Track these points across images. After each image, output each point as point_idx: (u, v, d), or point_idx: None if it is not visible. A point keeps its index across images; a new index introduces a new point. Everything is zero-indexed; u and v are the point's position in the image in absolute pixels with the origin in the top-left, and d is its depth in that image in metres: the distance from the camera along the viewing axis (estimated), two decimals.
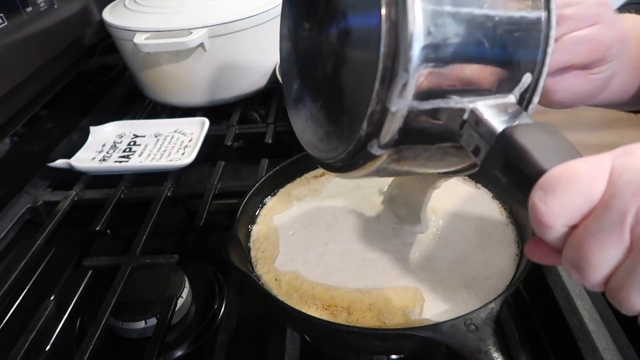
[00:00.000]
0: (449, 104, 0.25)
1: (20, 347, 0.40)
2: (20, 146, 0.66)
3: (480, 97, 0.26)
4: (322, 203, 0.49)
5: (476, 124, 0.25)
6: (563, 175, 0.21)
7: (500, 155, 0.24)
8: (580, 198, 0.20)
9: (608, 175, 0.20)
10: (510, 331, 0.39)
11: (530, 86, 0.27)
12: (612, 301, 0.22)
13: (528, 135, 0.23)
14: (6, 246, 0.54)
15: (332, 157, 0.31)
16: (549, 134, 0.24)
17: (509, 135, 0.24)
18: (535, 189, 0.21)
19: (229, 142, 0.67)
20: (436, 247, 0.42)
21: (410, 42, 0.23)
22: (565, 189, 0.20)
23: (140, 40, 0.64)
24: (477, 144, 0.25)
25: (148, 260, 0.47)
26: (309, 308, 0.38)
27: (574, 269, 0.22)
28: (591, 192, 0.20)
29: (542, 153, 0.22)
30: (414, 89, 0.24)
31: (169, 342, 0.43)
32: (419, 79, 0.24)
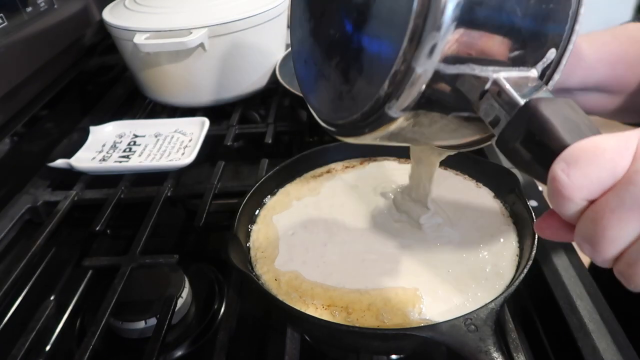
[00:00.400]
0: (474, 71, 0.25)
1: (20, 347, 0.40)
2: (20, 146, 0.66)
3: (504, 68, 0.25)
4: (320, 203, 0.49)
5: (498, 95, 0.25)
6: (588, 148, 0.21)
7: (522, 127, 0.24)
8: (604, 172, 0.20)
9: (633, 152, 0.20)
10: (510, 331, 0.39)
11: (553, 62, 0.27)
12: (621, 277, 0.22)
13: (553, 109, 0.23)
14: (6, 246, 0.54)
15: (343, 118, 0.30)
16: (573, 110, 0.24)
17: (534, 107, 0.23)
18: (558, 161, 0.21)
19: (229, 142, 0.67)
20: (436, 248, 0.42)
21: (445, 2, 0.23)
22: (590, 162, 0.20)
23: (140, 40, 0.64)
24: (497, 115, 0.25)
25: (148, 260, 0.47)
26: (308, 308, 0.38)
27: (587, 242, 0.21)
28: (615, 167, 0.20)
29: (566, 127, 0.22)
30: (442, 51, 0.24)
31: (169, 342, 0.43)
32: (449, 41, 0.23)
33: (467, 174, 0.51)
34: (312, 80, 0.35)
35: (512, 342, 0.38)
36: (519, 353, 0.37)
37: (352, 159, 0.55)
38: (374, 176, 0.52)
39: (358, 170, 0.53)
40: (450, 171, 0.52)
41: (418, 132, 0.29)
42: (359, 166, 0.54)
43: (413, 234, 0.44)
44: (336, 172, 0.53)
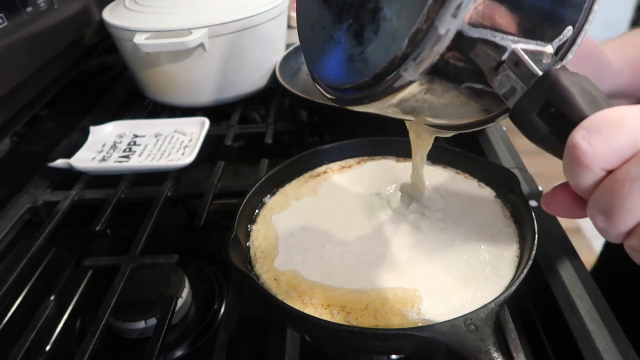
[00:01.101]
0: (495, 38, 0.25)
1: (20, 347, 0.40)
2: (20, 146, 0.66)
3: (522, 40, 0.25)
4: (318, 203, 0.49)
5: (515, 65, 0.24)
6: (610, 117, 0.20)
7: (540, 97, 0.24)
8: (625, 141, 0.20)
9: None
10: (510, 331, 0.39)
11: (568, 41, 0.27)
12: (633, 251, 0.22)
13: (572, 80, 0.23)
14: (6, 246, 0.54)
15: (353, 81, 0.29)
16: (591, 85, 0.23)
17: (554, 76, 0.23)
18: (578, 129, 0.21)
19: (229, 142, 0.67)
20: (436, 249, 0.42)
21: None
22: (612, 130, 0.20)
23: (140, 40, 0.64)
24: (512, 86, 0.25)
25: (148, 260, 0.47)
26: (307, 307, 0.38)
27: (603, 214, 0.21)
28: (637, 136, 0.20)
29: (585, 98, 0.22)
30: (468, 11, 0.23)
31: (169, 342, 0.44)
32: (475, 2, 0.23)
33: (467, 173, 0.51)
34: (318, 46, 0.33)
35: (512, 342, 0.38)
36: (519, 353, 0.37)
37: (350, 159, 0.55)
38: (370, 175, 0.52)
39: (355, 170, 0.53)
40: (450, 170, 0.52)
41: (427, 101, 0.28)
42: (355, 166, 0.54)
43: (412, 234, 0.44)
44: (334, 172, 0.53)
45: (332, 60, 0.32)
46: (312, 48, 0.34)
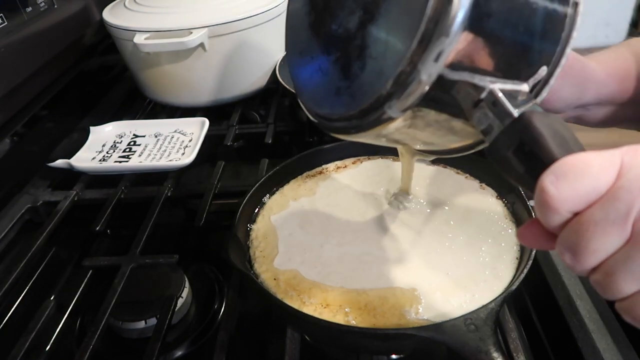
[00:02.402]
0: (473, 79, 0.26)
1: (20, 347, 0.40)
2: (20, 146, 0.66)
3: (500, 80, 0.26)
4: (316, 203, 0.49)
5: (493, 104, 0.26)
6: (576, 163, 0.22)
7: (515, 137, 0.25)
8: (590, 187, 0.22)
9: (618, 168, 0.21)
10: (510, 331, 0.39)
11: (543, 80, 0.28)
12: (598, 286, 0.23)
13: (545, 122, 0.24)
14: (6, 246, 0.54)
15: (339, 114, 0.30)
16: (562, 126, 0.25)
17: (527, 119, 0.24)
18: (547, 173, 0.22)
19: (229, 142, 0.67)
20: (436, 250, 0.42)
21: (458, 9, 0.23)
22: (578, 177, 0.22)
23: (140, 40, 0.64)
24: (490, 124, 0.26)
25: (148, 260, 0.47)
26: (306, 307, 0.38)
27: (569, 252, 0.23)
28: (601, 182, 0.21)
29: (556, 141, 0.23)
30: (449, 56, 0.24)
31: (169, 342, 0.43)
32: (456, 47, 0.24)
33: (468, 173, 0.51)
34: (307, 74, 0.35)
35: (512, 342, 0.38)
36: (519, 353, 0.37)
37: (347, 159, 0.55)
38: (368, 175, 0.52)
39: (353, 170, 0.53)
40: (450, 170, 0.52)
41: (410, 133, 0.29)
42: (352, 165, 0.54)
43: (411, 235, 0.44)
44: (331, 172, 0.53)
45: (319, 90, 0.33)
46: (300, 75, 0.36)
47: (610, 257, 0.22)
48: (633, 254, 0.21)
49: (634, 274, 0.21)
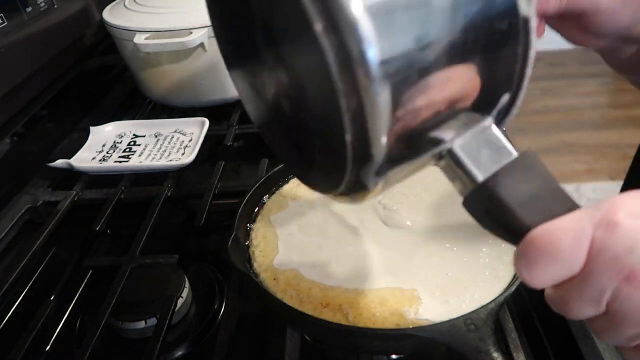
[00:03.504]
0: (427, 153, 0.24)
1: (20, 347, 0.40)
2: (20, 146, 0.66)
3: (460, 132, 0.24)
4: (315, 203, 0.49)
5: (456, 166, 0.24)
6: (545, 246, 0.21)
7: (482, 203, 0.24)
8: (561, 271, 0.22)
9: (587, 248, 0.21)
10: (510, 331, 0.39)
11: (507, 103, 0.25)
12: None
13: (509, 187, 0.23)
14: (6, 246, 0.54)
15: (315, 187, 0.30)
16: (529, 176, 0.23)
17: (491, 187, 0.23)
18: (519, 257, 0.23)
19: (229, 142, 0.67)
20: (435, 251, 0.42)
21: (380, 131, 0.20)
22: (548, 262, 0.22)
23: (140, 40, 0.64)
24: (459, 180, 0.24)
25: (148, 260, 0.47)
26: (306, 306, 0.38)
27: (555, 307, 0.24)
28: (572, 265, 0.22)
29: (525, 207, 0.22)
30: (387, 166, 0.22)
31: (169, 342, 0.44)
32: (391, 155, 0.22)
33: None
34: (280, 144, 0.34)
35: (512, 342, 0.38)
36: (519, 353, 0.37)
37: None
38: None
39: None
40: None
41: (393, 182, 0.27)
42: None
43: (410, 235, 0.44)
44: None
45: (296, 167, 0.33)
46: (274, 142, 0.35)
47: (595, 319, 0.23)
48: (608, 325, 0.23)
49: (611, 338, 0.23)
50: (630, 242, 0.20)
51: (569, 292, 0.22)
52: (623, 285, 0.21)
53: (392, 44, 0.19)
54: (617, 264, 0.21)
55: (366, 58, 0.19)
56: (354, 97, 0.20)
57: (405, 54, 0.20)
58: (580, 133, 2.26)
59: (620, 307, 0.21)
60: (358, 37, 0.19)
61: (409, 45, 0.20)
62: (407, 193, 0.48)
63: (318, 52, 0.20)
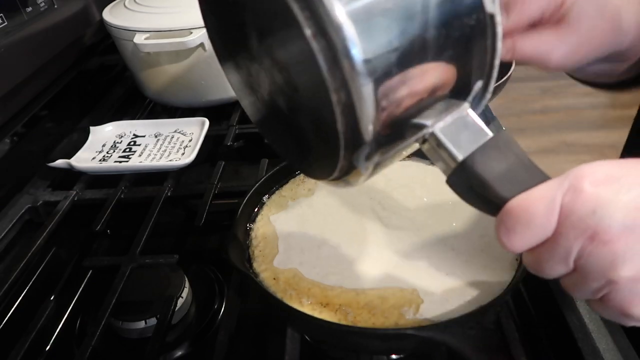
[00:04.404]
0: (410, 139, 0.27)
1: (20, 347, 0.40)
2: (20, 146, 0.66)
3: (440, 115, 0.26)
4: (314, 203, 0.49)
5: (438, 147, 0.26)
6: (521, 214, 0.25)
7: (464, 180, 0.26)
8: (537, 236, 0.25)
9: (557, 214, 0.24)
10: (510, 331, 0.39)
11: (482, 88, 0.27)
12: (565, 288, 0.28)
13: (486, 164, 0.26)
14: (6, 246, 0.54)
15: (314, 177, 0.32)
16: (504, 153, 0.26)
17: (470, 164, 0.26)
18: (498, 224, 0.26)
19: (229, 142, 0.67)
20: (435, 251, 0.42)
21: (368, 120, 0.23)
22: (524, 228, 0.25)
23: (140, 40, 0.64)
24: (442, 161, 0.27)
25: (148, 260, 0.47)
26: (306, 306, 0.38)
27: (531, 269, 0.27)
28: (545, 229, 0.25)
29: (502, 181, 0.25)
30: (376, 150, 0.25)
31: (169, 342, 0.44)
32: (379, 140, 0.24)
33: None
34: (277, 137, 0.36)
35: (512, 342, 0.38)
36: (519, 353, 0.37)
37: None
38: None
39: None
40: None
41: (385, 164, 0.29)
42: None
43: (410, 235, 0.44)
44: None
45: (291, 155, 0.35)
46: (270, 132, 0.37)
47: (566, 275, 0.26)
48: (575, 281, 0.26)
49: (580, 293, 0.27)
50: (592, 205, 0.24)
51: (542, 254, 0.26)
52: (587, 244, 0.24)
53: (373, 42, 0.22)
54: (581, 225, 0.24)
55: (351, 56, 0.22)
56: (343, 92, 0.23)
57: (385, 50, 0.22)
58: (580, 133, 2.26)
59: (585, 263, 0.24)
60: (343, 38, 0.21)
61: (388, 43, 0.22)
62: (407, 194, 0.48)
63: (309, 54, 0.22)
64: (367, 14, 0.22)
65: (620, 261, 0.24)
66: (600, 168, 0.25)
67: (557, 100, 2.49)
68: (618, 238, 0.23)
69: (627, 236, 0.23)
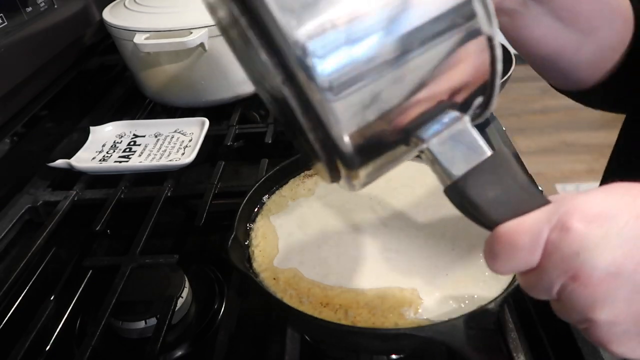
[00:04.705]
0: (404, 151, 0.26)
1: (20, 347, 0.40)
2: (20, 146, 0.66)
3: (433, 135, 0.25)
4: (314, 203, 0.49)
5: (433, 162, 0.26)
6: (506, 244, 0.25)
7: (457, 197, 0.26)
8: (518, 266, 0.26)
9: (542, 249, 0.24)
10: (510, 331, 0.39)
11: (482, 104, 0.27)
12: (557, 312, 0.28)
13: (478, 187, 0.25)
14: (6, 246, 0.54)
15: None
16: (498, 176, 0.25)
17: (461, 188, 0.25)
18: (485, 245, 0.26)
19: (229, 142, 0.67)
20: (435, 251, 0.42)
21: (350, 158, 0.24)
22: (507, 257, 0.25)
23: (140, 40, 0.64)
24: (438, 174, 0.27)
25: (148, 260, 0.47)
26: (305, 306, 0.38)
27: (522, 287, 0.28)
28: (528, 261, 0.25)
29: (491, 206, 0.25)
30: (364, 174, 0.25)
31: (169, 342, 0.44)
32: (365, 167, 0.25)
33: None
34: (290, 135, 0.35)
35: (512, 342, 0.38)
36: (519, 353, 0.37)
37: None
38: None
39: None
40: None
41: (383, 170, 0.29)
42: None
43: (410, 236, 0.44)
44: None
45: None
46: None
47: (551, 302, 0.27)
48: (559, 309, 0.26)
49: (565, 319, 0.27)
50: (577, 247, 0.23)
51: (529, 280, 0.26)
52: (569, 282, 0.24)
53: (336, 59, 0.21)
54: (564, 265, 0.24)
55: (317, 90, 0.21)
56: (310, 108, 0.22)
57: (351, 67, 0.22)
58: (580, 133, 2.26)
59: (567, 299, 0.25)
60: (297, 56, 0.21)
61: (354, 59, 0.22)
62: (407, 193, 0.48)
63: (284, 93, 0.23)
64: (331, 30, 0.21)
65: (599, 305, 0.24)
66: (595, 202, 0.24)
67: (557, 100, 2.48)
68: (599, 283, 0.23)
69: (609, 282, 0.23)
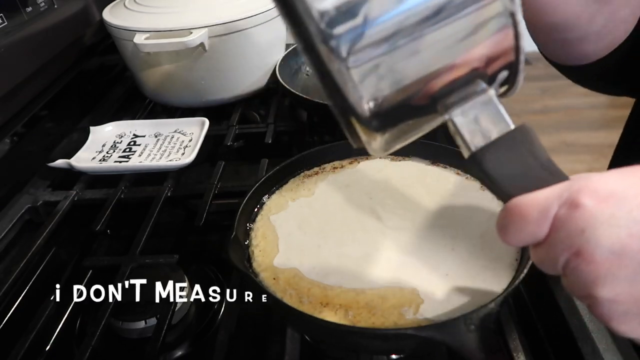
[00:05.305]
0: (427, 120, 0.27)
1: (20, 347, 0.40)
2: (20, 146, 0.66)
3: (457, 105, 0.26)
4: (314, 203, 0.49)
5: (454, 134, 0.27)
6: (515, 217, 0.26)
7: (475, 171, 0.27)
8: (526, 239, 0.27)
9: (549, 224, 0.25)
10: (510, 331, 0.39)
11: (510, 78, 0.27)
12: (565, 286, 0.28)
13: (495, 161, 0.26)
14: (6, 246, 0.54)
15: None
16: (517, 151, 0.26)
17: (478, 162, 0.26)
18: (498, 217, 0.27)
19: (229, 142, 0.67)
20: (435, 251, 0.42)
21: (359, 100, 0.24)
22: (518, 229, 0.26)
23: (140, 40, 0.64)
24: (460, 145, 0.27)
25: (148, 260, 0.47)
26: (305, 306, 0.38)
27: (533, 261, 0.29)
28: (535, 236, 0.26)
29: (506, 180, 0.26)
30: (385, 126, 0.26)
31: (169, 342, 0.44)
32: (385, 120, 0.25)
33: (469, 174, 0.51)
34: None
35: (512, 342, 0.38)
36: (519, 353, 0.37)
37: (345, 159, 0.55)
38: (365, 175, 0.52)
39: (350, 170, 0.53)
40: (450, 170, 0.52)
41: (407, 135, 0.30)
42: (349, 166, 0.54)
43: (410, 236, 0.44)
44: (328, 172, 0.53)
45: None
46: None
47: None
48: (565, 284, 0.27)
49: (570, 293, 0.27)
50: (583, 224, 0.24)
51: (538, 254, 0.27)
52: (573, 258, 0.25)
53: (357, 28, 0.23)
54: (569, 241, 0.24)
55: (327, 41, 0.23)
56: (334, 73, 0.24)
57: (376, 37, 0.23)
58: (580, 133, 2.26)
59: (570, 274, 0.25)
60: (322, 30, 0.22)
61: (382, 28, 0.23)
62: (407, 194, 0.48)
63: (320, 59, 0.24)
64: None
65: (601, 282, 0.24)
66: (608, 182, 0.24)
67: (557, 100, 2.49)
68: (602, 261, 0.24)
69: (612, 261, 0.24)
